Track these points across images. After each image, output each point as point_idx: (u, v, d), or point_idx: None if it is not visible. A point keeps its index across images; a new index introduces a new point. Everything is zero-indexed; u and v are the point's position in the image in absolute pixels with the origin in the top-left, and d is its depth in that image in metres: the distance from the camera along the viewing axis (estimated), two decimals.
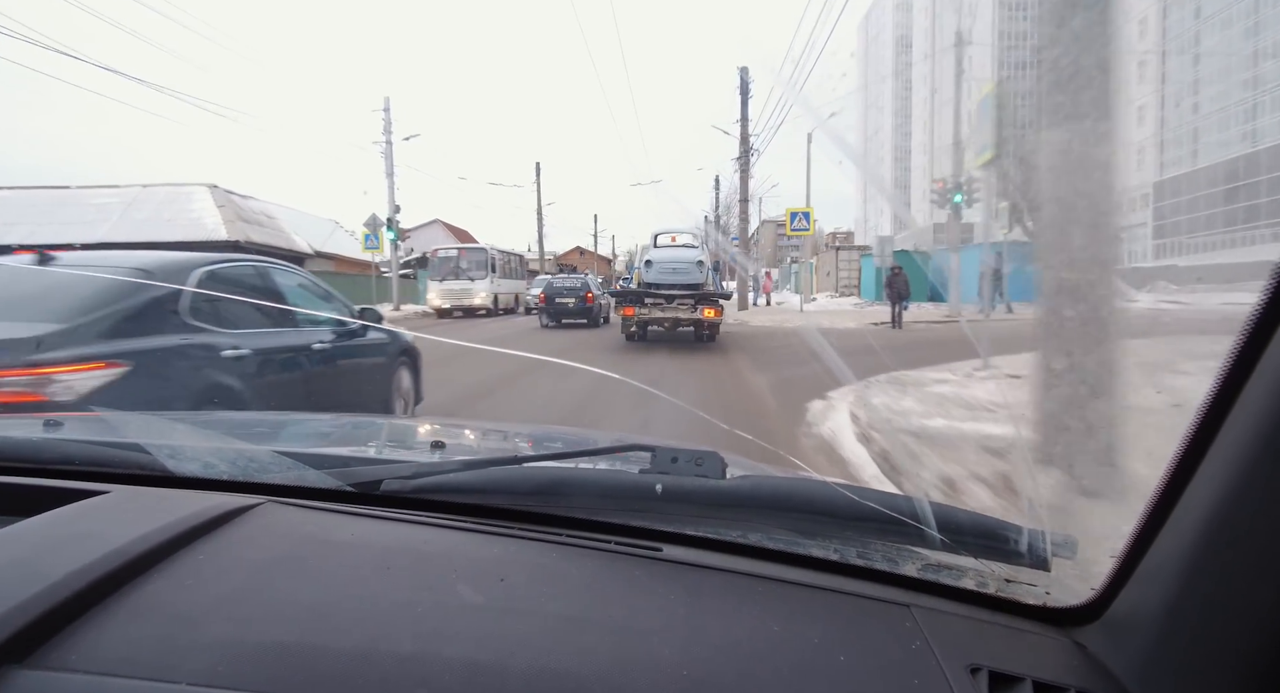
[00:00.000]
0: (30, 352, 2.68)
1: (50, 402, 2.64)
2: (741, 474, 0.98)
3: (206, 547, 0.75)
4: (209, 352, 3.36)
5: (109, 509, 0.82)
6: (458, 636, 0.64)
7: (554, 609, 0.70)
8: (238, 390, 3.42)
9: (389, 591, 0.70)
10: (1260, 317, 0.55)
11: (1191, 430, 0.61)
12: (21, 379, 2.64)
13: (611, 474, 1.07)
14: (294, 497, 0.92)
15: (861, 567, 0.84)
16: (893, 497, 0.90)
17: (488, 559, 0.79)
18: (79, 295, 3.06)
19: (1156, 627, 0.63)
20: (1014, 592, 0.82)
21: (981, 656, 0.68)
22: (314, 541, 0.81)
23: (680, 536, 0.87)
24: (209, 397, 3.28)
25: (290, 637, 0.62)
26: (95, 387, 2.78)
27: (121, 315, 3.07)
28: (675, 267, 12.57)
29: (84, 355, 2.80)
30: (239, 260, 4.15)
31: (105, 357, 2.85)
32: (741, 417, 6.36)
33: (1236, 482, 0.56)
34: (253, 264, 4.22)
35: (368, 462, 1.08)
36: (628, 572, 0.79)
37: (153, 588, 0.67)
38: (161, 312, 3.25)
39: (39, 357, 2.69)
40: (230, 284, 3.83)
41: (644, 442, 1.01)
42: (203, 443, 1.14)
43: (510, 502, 0.92)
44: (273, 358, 3.82)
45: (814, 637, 0.68)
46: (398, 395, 5.07)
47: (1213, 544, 0.58)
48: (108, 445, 1.04)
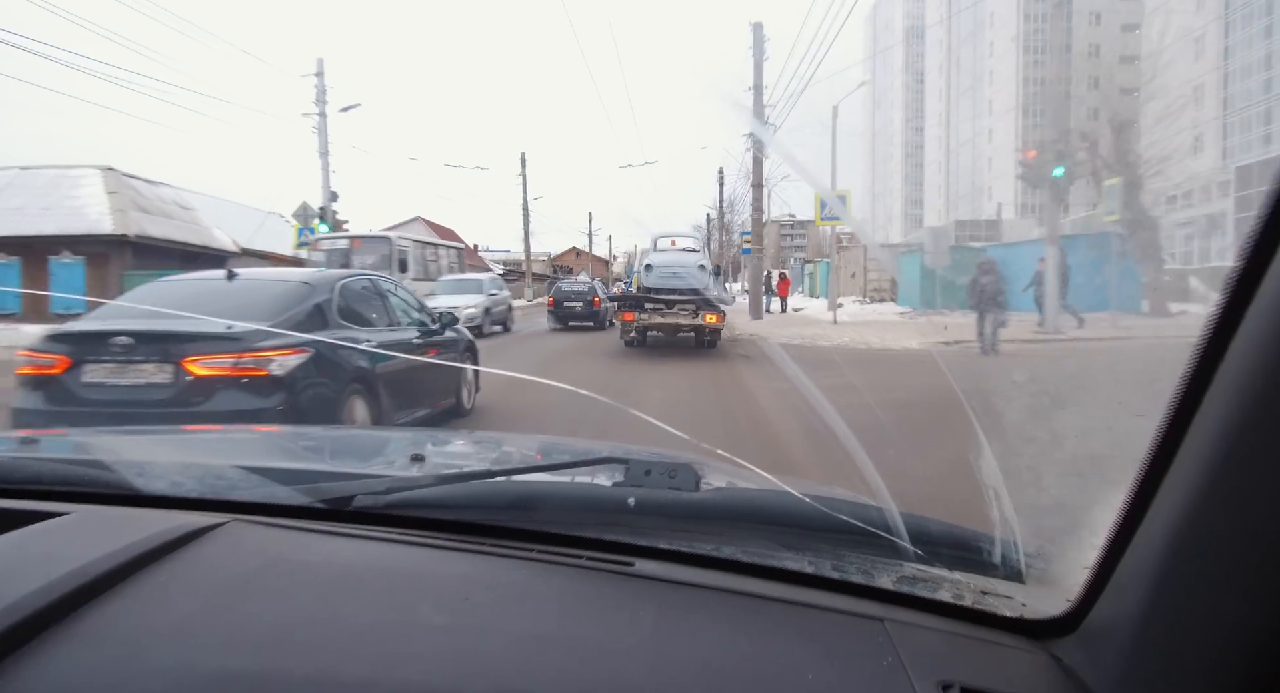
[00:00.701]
0: (256, 341, 3.98)
1: (267, 376, 3.98)
2: (715, 486, 1.01)
3: (167, 568, 0.74)
4: (354, 341, 4.70)
5: (70, 530, 0.82)
6: (417, 658, 0.63)
7: (519, 628, 0.69)
8: (371, 372, 4.73)
9: (351, 612, 0.70)
10: (1217, 324, 0.54)
11: (1157, 439, 0.60)
12: (251, 360, 3.97)
13: (585, 488, 1.06)
14: (262, 515, 0.90)
15: (835, 580, 0.83)
16: (864, 508, 0.91)
17: (455, 578, 0.79)
18: (268, 302, 4.48)
19: (1129, 639, 0.62)
20: (990, 604, 0.80)
21: (954, 671, 0.67)
22: (278, 561, 0.79)
23: (653, 549, 0.86)
24: (356, 375, 4.59)
25: (243, 663, 0.61)
26: (293, 365, 4.09)
27: (301, 316, 4.47)
28: (676, 271, 12.19)
29: (284, 344, 4.09)
30: (359, 274, 5.60)
31: (297, 344, 4.12)
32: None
33: (1202, 490, 0.55)
34: (368, 277, 5.66)
35: (340, 477, 1.05)
36: (598, 588, 0.78)
37: (108, 612, 0.65)
38: (323, 314, 4.64)
39: (260, 343, 4.00)
40: (355, 293, 5.11)
41: (619, 454, 1.04)
42: (171, 461, 1.14)
43: (483, 517, 0.91)
44: (392, 346, 5.19)
45: (783, 653, 0.68)
46: (464, 383, 6.42)
47: (1182, 554, 0.58)
48: (76, 464, 1.06)
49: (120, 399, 3.86)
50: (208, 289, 4.78)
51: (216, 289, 4.68)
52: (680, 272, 12.36)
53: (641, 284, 12.50)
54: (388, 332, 5.31)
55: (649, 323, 12.15)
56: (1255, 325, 0.51)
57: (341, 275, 5.15)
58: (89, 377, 3.93)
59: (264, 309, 4.33)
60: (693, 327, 12.14)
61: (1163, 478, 0.60)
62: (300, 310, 4.46)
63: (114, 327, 3.96)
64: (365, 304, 5.20)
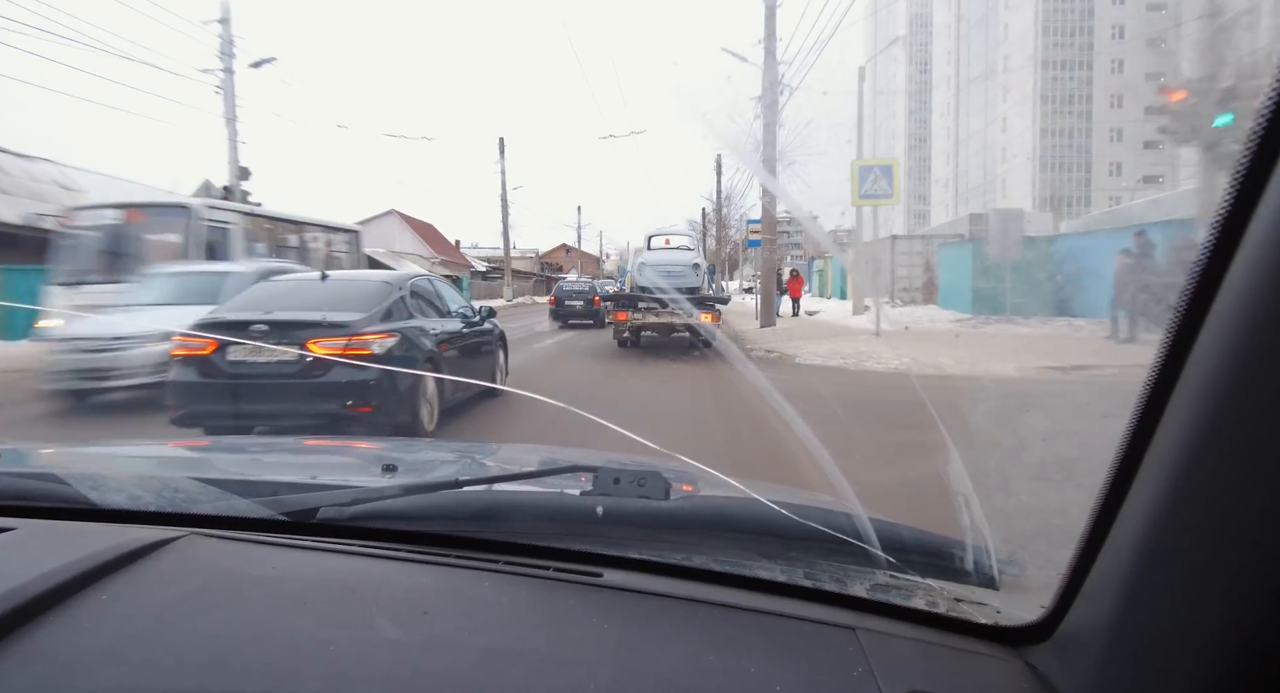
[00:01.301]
0: (359, 328, 5.12)
1: (370, 354, 5.02)
2: (685, 495, 1.01)
3: (114, 585, 0.71)
4: (424, 329, 5.84)
5: (11, 547, 0.79)
6: (370, 675, 0.61)
7: (478, 642, 0.67)
8: (437, 353, 5.89)
9: (304, 627, 0.68)
10: (1181, 321, 0.53)
11: (1125, 442, 0.59)
12: (356, 341, 5.05)
13: (552, 497, 1.03)
14: (222, 528, 0.88)
15: (808, 588, 0.82)
16: (833, 515, 0.89)
17: (414, 590, 0.77)
18: (363, 297, 5.59)
19: (1103, 645, 0.61)
20: (964, 612, 0.79)
21: (926, 680, 0.66)
22: (231, 575, 0.77)
23: (622, 559, 0.84)
24: (428, 355, 5.72)
25: (187, 682, 0.59)
26: (387, 346, 5.17)
27: (387, 306, 5.52)
28: (670, 270, 12.13)
29: (379, 330, 5.23)
30: (421, 275, 7.14)
31: (388, 330, 5.28)
32: None
33: (1170, 494, 0.55)
34: (427, 277, 7.11)
35: (304, 488, 1.02)
36: (563, 600, 0.77)
37: (46, 632, 0.63)
38: (401, 306, 5.71)
39: (361, 329, 5.12)
40: (419, 291, 6.25)
41: (589, 462, 1.02)
42: (128, 473, 1.11)
43: (448, 528, 0.89)
44: (449, 335, 6.29)
45: (750, 665, 0.66)
46: (498, 368, 7.67)
47: (1152, 558, 0.57)
48: (26, 477, 1.02)
49: (258, 373, 4.98)
50: (307, 287, 6.00)
51: (314, 287, 5.95)
52: (675, 270, 12.16)
53: (635, 283, 12.18)
54: (442, 321, 6.34)
55: (643, 322, 11.77)
56: (1220, 323, 0.50)
57: (409, 276, 6.62)
58: (233, 356, 5.05)
59: (359, 303, 5.45)
60: (687, 327, 11.80)
61: (1131, 481, 0.59)
62: (385, 304, 5.56)
63: (252, 317, 5.13)
64: (426, 300, 6.28)
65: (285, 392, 4.99)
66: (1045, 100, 60.03)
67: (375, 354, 5.09)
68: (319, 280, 6.07)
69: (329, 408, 4.93)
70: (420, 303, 6.07)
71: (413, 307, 5.86)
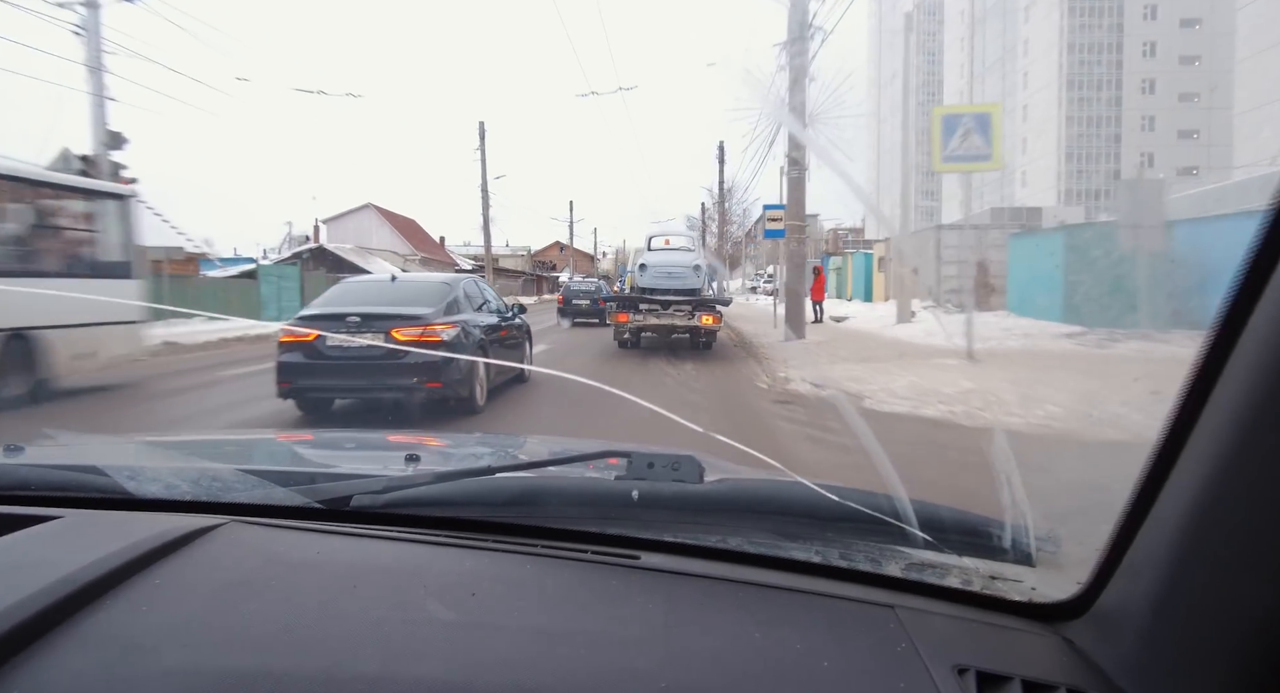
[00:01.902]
0: (430, 320, 6.34)
1: (439, 341, 6.23)
2: (719, 477, 1.00)
3: (164, 570, 0.73)
4: (475, 322, 7.02)
5: (61, 534, 0.81)
6: (427, 654, 0.63)
7: (527, 623, 0.69)
8: (486, 341, 7.06)
9: (356, 610, 0.69)
10: (1233, 304, 0.54)
11: (1170, 420, 0.60)
12: (428, 331, 6.25)
13: (586, 482, 1.05)
14: (259, 516, 0.90)
15: (844, 568, 0.83)
16: (873, 495, 0.90)
17: (459, 574, 0.78)
18: (429, 294, 6.83)
19: (1144, 621, 0.62)
20: (999, 589, 0.80)
21: (968, 655, 0.67)
22: (278, 560, 0.79)
23: (658, 542, 0.85)
24: (479, 343, 6.85)
25: (250, 662, 0.60)
26: (452, 335, 6.37)
27: (449, 302, 6.71)
28: (671, 271, 11.92)
29: (445, 321, 6.44)
30: (467, 277, 8.35)
31: (452, 321, 6.50)
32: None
33: (1217, 471, 0.55)
34: (472, 279, 8.18)
35: (336, 477, 1.04)
36: (604, 582, 0.78)
37: (104, 616, 0.65)
38: (459, 301, 6.91)
39: (432, 321, 6.33)
40: (468, 289, 7.46)
41: (620, 448, 1.02)
42: (165, 464, 1.13)
43: (483, 514, 0.91)
44: (491, 327, 7.44)
45: (796, 642, 0.68)
46: (526, 357, 8.80)
47: (1196, 535, 0.57)
48: (64, 469, 1.02)
49: (352, 356, 6.10)
50: (381, 287, 7.39)
51: (387, 286, 7.32)
52: (675, 271, 11.97)
53: (635, 284, 12.23)
54: (485, 316, 7.42)
55: (643, 324, 11.81)
56: (1273, 303, 0.51)
57: (460, 278, 7.84)
58: (331, 342, 6.15)
59: (427, 300, 6.66)
60: (688, 328, 11.76)
61: (1177, 457, 0.60)
62: (447, 301, 6.72)
63: (345, 311, 6.45)
64: (472, 298, 7.40)
65: (372, 370, 6.21)
66: (1072, 86, 56.07)
67: (444, 341, 6.34)
68: (390, 281, 7.61)
69: (406, 384, 6.17)
70: (469, 300, 7.25)
71: (464, 303, 7.05)
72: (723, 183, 41.77)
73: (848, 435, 3.63)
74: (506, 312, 8.18)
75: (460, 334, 6.53)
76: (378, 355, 6.12)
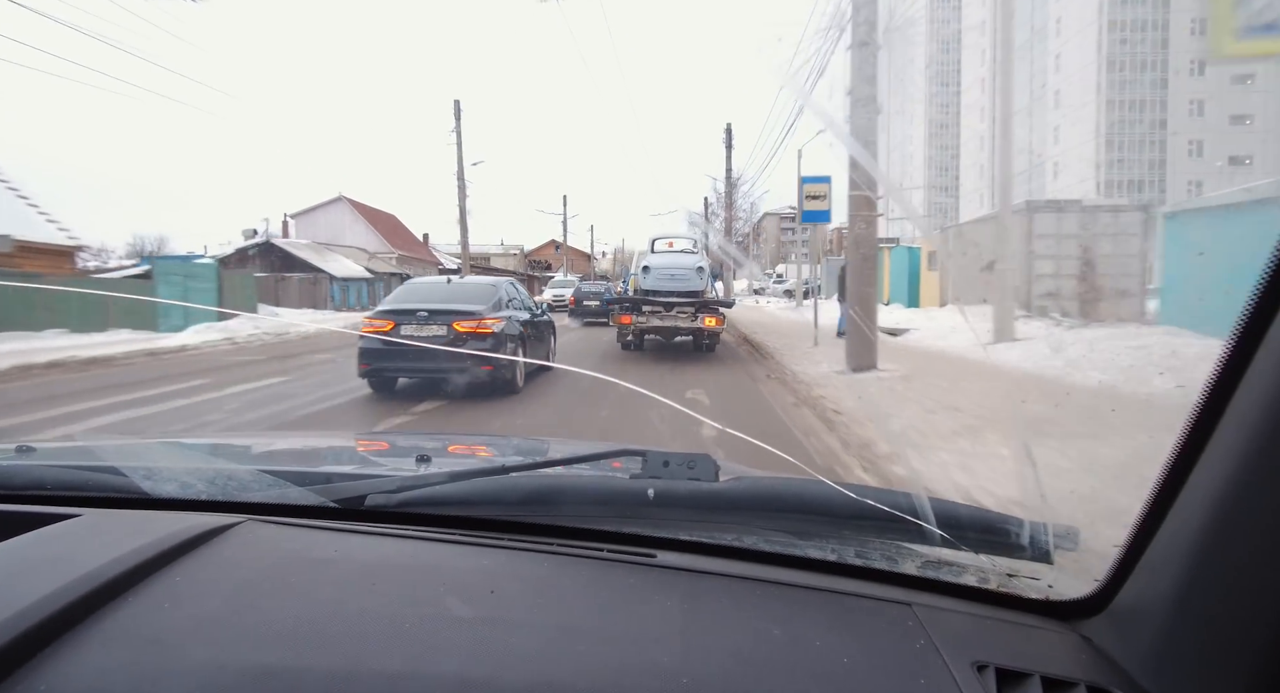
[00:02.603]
0: (483, 314, 7.78)
1: (491, 332, 7.71)
2: (735, 476, 1.00)
3: (184, 568, 0.74)
4: (516, 318, 8.35)
5: (81, 532, 0.81)
6: (448, 650, 0.63)
7: (547, 620, 0.69)
8: (524, 333, 8.40)
9: (375, 607, 0.70)
10: (1259, 300, 0.54)
11: (1193, 417, 0.60)
12: (483, 323, 7.67)
13: (602, 480, 1.05)
14: (275, 515, 0.90)
15: (860, 566, 0.83)
16: (891, 493, 0.90)
17: (477, 571, 0.79)
18: (481, 294, 8.21)
19: (1163, 618, 0.62)
20: (1016, 586, 0.81)
21: (987, 652, 0.67)
22: (296, 558, 0.79)
23: (674, 541, 0.86)
24: (519, 334, 8.24)
25: (272, 658, 0.61)
26: (500, 327, 7.74)
27: (496, 301, 8.10)
28: (674, 273, 12.03)
29: (494, 316, 7.88)
30: (507, 280, 9.40)
31: (500, 316, 7.90)
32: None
33: (1240, 469, 0.56)
34: (511, 282, 9.32)
35: (351, 477, 1.05)
36: (622, 580, 0.79)
37: (126, 613, 0.66)
38: (504, 299, 8.35)
39: (484, 316, 7.77)
40: (510, 289, 8.89)
41: (635, 447, 1.02)
42: (180, 464, 1.12)
43: (499, 513, 0.91)
44: (526, 322, 8.75)
45: (816, 639, 0.68)
46: (551, 350, 10.21)
47: (1217, 533, 0.57)
48: (80, 468, 1.02)
49: (421, 342, 5.94)
50: (441, 287, 8.72)
51: (445, 287, 8.68)
52: (678, 274, 12.00)
53: (639, 286, 12.16)
54: (521, 313, 8.77)
55: (646, 326, 11.76)
56: None
57: (501, 281, 9.10)
58: (404, 331, 7.60)
59: (479, 298, 8.15)
60: (691, 330, 11.73)
61: (1199, 456, 0.60)
62: (495, 299, 8.22)
63: (415, 306, 7.87)
64: (511, 298, 8.74)
65: (437, 355, 7.23)
66: (1113, 66, 51.30)
67: (493, 333, 7.74)
68: (447, 283, 8.84)
69: (464, 366, 7.43)
70: (510, 300, 8.60)
71: (506, 302, 8.42)
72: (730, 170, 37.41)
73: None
74: (536, 310, 9.57)
75: (506, 327, 8.00)
76: (443, 342, 7.53)
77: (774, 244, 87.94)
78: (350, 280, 30.59)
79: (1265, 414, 0.52)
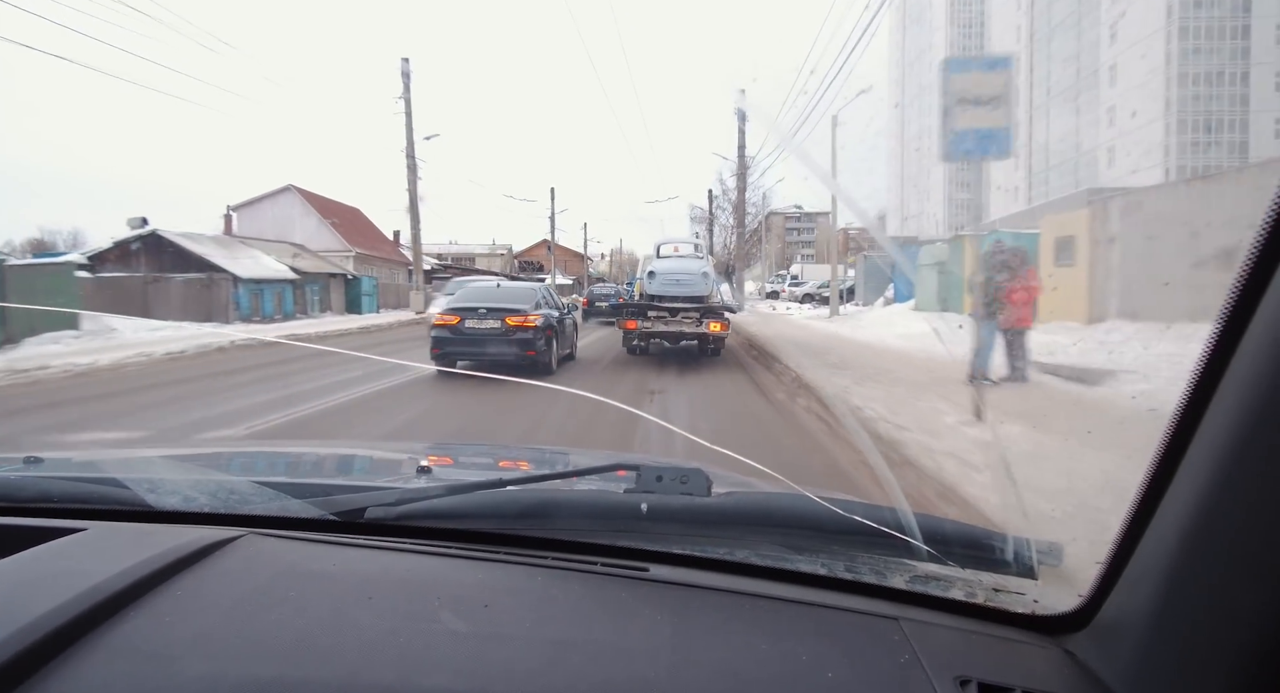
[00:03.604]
0: (528, 311, 10.39)
1: (535, 326, 10.24)
2: (726, 491, 1.02)
3: (185, 582, 0.75)
4: (554, 315, 11.02)
5: (86, 546, 0.82)
6: (440, 664, 0.65)
7: (539, 634, 0.70)
8: (555, 328, 10.82)
9: (371, 620, 0.71)
10: (1229, 317, 0.54)
11: (1168, 433, 0.61)
12: (529, 318, 10.27)
13: (596, 495, 1.06)
14: (276, 528, 0.92)
15: (849, 581, 0.84)
16: (878, 509, 0.92)
17: (472, 585, 0.80)
18: (525, 294, 11.00)
19: (1144, 632, 0.63)
20: (1002, 601, 0.82)
21: (970, 667, 0.68)
22: (295, 572, 0.81)
23: (667, 555, 0.87)
24: (556, 328, 10.83)
25: (269, 671, 0.62)
26: (540, 321, 10.34)
27: (536, 300, 10.79)
28: (679, 278, 12.19)
29: (536, 312, 10.49)
30: (541, 284, 12.77)
31: (540, 313, 10.51)
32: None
33: (1216, 483, 0.56)
34: (544, 284, 12.59)
35: (351, 490, 1.05)
36: (614, 594, 0.80)
37: (130, 626, 0.67)
38: (542, 300, 10.97)
39: (529, 313, 10.36)
40: (546, 291, 11.61)
41: (629, 461, 1.03)
42: (182, 477, 1.14)
43: (495, 526, 0.92)
44: (558, 318, 11.12)
45: (802, 653, 0.69)
46: (573, 343, 12.62)
47: (1196, 547, 0.58)
48: (85, 481, 1.04)
49: (481, 333, 9.72)
50: (493, 289, 11.38)
51: (496, 288, 11.47)
52: (684, 279, 12.12)
53: (644, 291, 12.35)
54: (553, 311, 10.94)
55: (652, 331, 12.13)
56: (1270, 314, 0.51)
57: (538, 285, 11.86)
58: (468, 324, 10.05)
59: (524, 298, 10.57)
60: (696, 335, 11.98)
61: (1175, 471, 0.60)
62: (535, 299, 10.63)
63: (476, 304, 10.31)
64: (546, 299, 11.07)
65: (494, 342, 9.95)
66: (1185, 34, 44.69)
67: (536, 326, 10.06)
68: (496, 287, 11.66)
69: (515, 351, 9.90)
70: (545, 301, 10.96)
71: (543, 302, 10.78)
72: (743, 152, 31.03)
73: None
74: (563, 309, 11.85)
75: (545, 321, 10.33)
76: (497, 333, 9.98)
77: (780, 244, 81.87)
78: (265, 283, 23.87)
79: (1236, 430, 0.52)
